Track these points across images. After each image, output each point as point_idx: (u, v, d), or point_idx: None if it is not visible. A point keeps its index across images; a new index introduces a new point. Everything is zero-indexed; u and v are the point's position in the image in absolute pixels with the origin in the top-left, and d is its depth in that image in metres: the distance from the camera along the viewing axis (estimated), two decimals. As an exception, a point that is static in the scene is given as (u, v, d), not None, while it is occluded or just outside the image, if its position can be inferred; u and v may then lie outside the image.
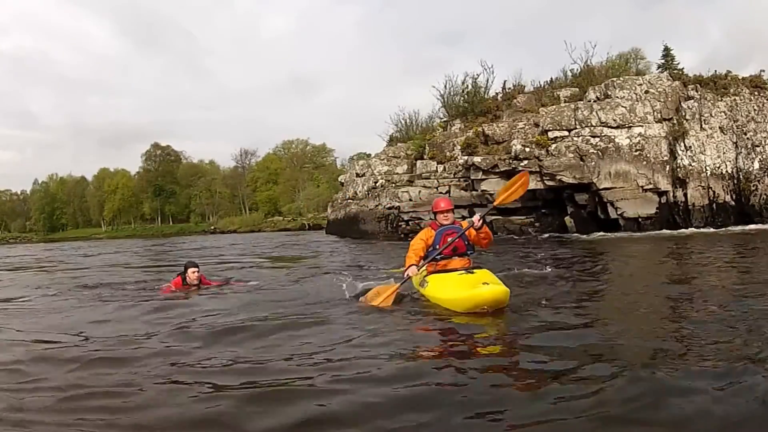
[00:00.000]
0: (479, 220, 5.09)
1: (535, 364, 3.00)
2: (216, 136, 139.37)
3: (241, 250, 19.01)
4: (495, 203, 5.86)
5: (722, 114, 17.69)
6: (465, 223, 5.34)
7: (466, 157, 19.44)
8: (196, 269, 6.80)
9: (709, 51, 73.65)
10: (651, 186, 17.15)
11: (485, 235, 5.20)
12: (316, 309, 5.04)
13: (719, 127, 17.57)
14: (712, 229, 15.80)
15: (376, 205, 21.70)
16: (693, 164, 17.21)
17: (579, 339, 3.46)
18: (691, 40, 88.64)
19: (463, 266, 5.08)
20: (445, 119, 25.30)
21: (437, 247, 5.18)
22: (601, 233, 16.60)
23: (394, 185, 21.87)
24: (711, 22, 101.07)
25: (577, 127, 17.64)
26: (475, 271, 4.88)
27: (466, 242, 5.20)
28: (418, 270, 5.16)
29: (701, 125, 17.50)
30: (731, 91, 17.98)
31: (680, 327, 3.73)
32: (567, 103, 19.40)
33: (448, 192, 19.98)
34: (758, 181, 17.22)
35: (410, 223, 20.09)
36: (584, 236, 16.17)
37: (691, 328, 3.62)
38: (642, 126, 17.44)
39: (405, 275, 5.16)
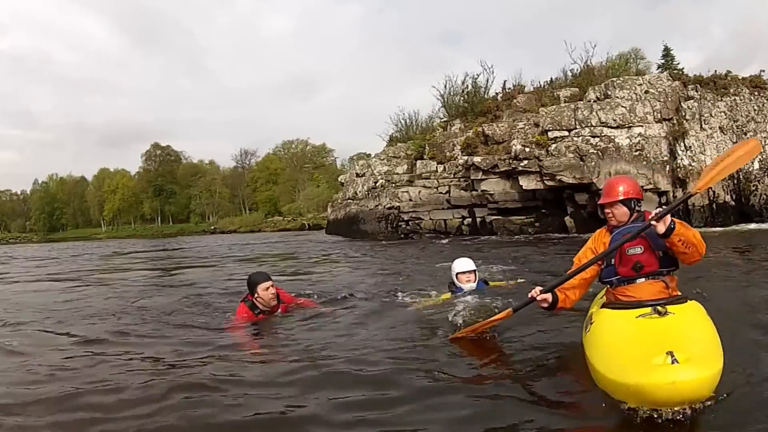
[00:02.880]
0: (661, 218, 2.85)
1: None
2: (216, 136, 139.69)
3: (249, 252, 18.20)
4: (705, 184, 3.16)
5: (722, 114, 17.71)
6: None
7: (466, 157, 19.46)
8: (269, 282, 4.68)
9: (712, 51, 73.85)
10: (651, 186, 17.14)
11: (686, 240, 2.86)
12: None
13: (719, 127, 17.59)
14: (732, 228, 15.60)
15: (376, 205, 21.71)
16: (693, 164, 17.21)
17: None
18: (694, 40, 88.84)
19: (654, 296, 2.90)
20: (445, 119, 25.31)
21: (612, 262, 3.08)
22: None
23: (394, 185, 21.88)
24: (714, 22, 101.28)
25: (577, 127, 17.66)
26: (671, 308, 2.67)
27: (660, 252, 2.99)
28: (550, 296, 3.19)
29: (701, 125, 17.52)
30: (731, 91, 18.00)
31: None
32: (567, 103, 19.39)
33: (448, 192, 20.00)
34: (758, 181, 17.22)
35: (410, 223, 20.12)
36: (585, 236, 16.14)
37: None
38: (642, 126, 17.46)
39: (529, 296, 3.24)
